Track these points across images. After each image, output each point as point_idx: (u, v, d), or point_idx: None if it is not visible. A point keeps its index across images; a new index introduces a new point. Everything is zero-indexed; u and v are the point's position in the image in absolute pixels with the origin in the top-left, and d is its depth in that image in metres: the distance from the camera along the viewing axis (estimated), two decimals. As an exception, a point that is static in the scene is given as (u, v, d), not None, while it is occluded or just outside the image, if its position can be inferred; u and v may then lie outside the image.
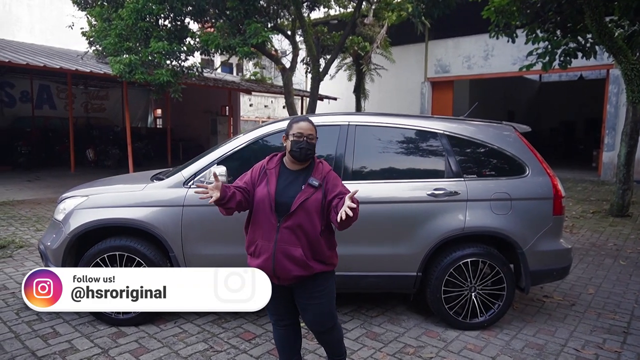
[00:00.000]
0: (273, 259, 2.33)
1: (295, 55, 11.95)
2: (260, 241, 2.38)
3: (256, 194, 2.41)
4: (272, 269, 2.35)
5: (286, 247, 2.33)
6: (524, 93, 22.88)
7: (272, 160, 2.51)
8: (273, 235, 2.34)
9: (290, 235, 2.33)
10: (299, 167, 2.44)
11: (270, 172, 2.43)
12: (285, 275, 2.36)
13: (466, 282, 3.49)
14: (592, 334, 3.50)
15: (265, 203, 2.35)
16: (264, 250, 2.36)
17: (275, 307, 2.51)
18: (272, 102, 30.30)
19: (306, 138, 2.37)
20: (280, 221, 2.33)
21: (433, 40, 16.29)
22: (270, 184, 2.39)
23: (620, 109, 12.71)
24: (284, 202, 2.34)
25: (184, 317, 3.63)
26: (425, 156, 3.62)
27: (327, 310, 2.47)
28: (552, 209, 3.53)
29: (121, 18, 9.01)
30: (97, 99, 18.30)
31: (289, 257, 2.33)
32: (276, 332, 2.62)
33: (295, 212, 2.32)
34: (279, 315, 2.55)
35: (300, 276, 2.37)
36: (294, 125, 2.43)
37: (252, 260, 2.45)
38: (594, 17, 6.90)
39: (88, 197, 3.51)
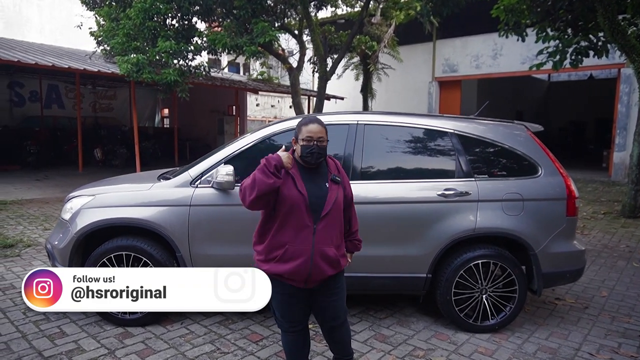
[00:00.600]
0: (311, 262, 2.26)
1: (302, 55, 11.91)
2: (292, 245, 2.26)
3: (284, 197, 2.27)
4: (308, 273, 2.27)
5: (323, 248, 2.29)
6: (532, 93, 22.67)
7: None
8: (309, 238, 2.26)
9: (325, 235, 2.30)
10: (313, 165, 2.40)
11: (293, 172, 2.31)
12: (318, 277, 2.31)
13: (477, 284, 3.42)
14: (606, 338, 3.42)
15: (300, 205, 2.26)
16: (297, 254, 2.26)
17: (292, 313, 2.41)
18: (279, 102, 30.30)
19: (316, 142, 2.29)
20: (316, 223, 2.27)
21: (441, 39, 16.18)
22: (300, 185, 2.29)
23: (631, 108, 12.54)
24: (315, 202, 2.29)
25: (190, 318, 3.60)
26: (435, 156, 3.55)
27: (343, 303, 2.47)
28: (566, 210, 3.45)
29: (129, 17, 9.03)
30: (105, 99, 18.40)
31: (325, 257, 2.30)
32: (287, 338, 2.52)
33: (329, 212, 2.29)
34: (293, 322, 2.44)
35: (330, 276, 2.35)
36: (303, 128, 2.34)
37: (275, 265, 2.30)
38: (606, 15, 6.80)
39: (95, 196, 3.49)
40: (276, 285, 2.36)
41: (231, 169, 3.19)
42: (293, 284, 2.32)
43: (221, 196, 3.32)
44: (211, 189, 3.34)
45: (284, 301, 2.39)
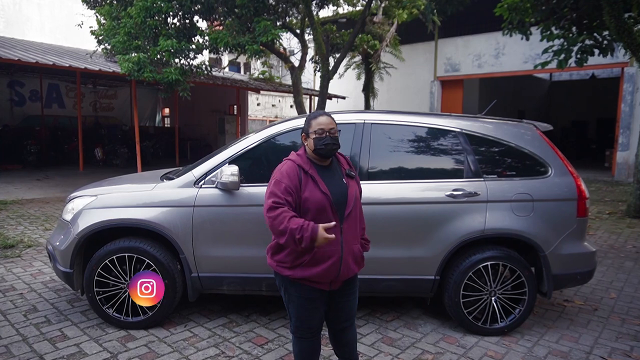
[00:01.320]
0: (341, 262, 2.23)
1: (304, 54, 11.84)
2: (321, 247, 2.17)
3: (307, 200, 2.19)
4: (337, 273, 2.24)
5: (351, 246, 2.29)
6: (534, 92, 22.58)
7: (303, 161, 2.29)
8: (337, 238, 2.21)
9: (351, 233, 2.30)
10: (326, 162, 2.37)
11: (312, 172, 2.25)
12: (345, 277, 2.30)
13: (486, 286, 3.36)
14: (617, 341, 3.36)
15: (326, 206, 2.20)
16: (327, 255, 2.20)
17: (311, 319, 2.34)
18: (280, 102, 30.26)
19: (328, 133, 2.26)
20: (342, 222, 2.26)
21: (442, 38, 16.10)
22: (321, 185, 2.22)
23: (635, 107, 12.47)
24: (337, 200, 2.25)
25: (194, 321, 3.54)
26: (443, 155, 3.49)
27: (356, 303, 2.49)
28: (576, 210, 3.39)
29: (130, 16, 8.96)
30: (106, 98, 18.33)
31: (353, 255, 2.30)
32: (301, 345, 2.41)
33: (353, 209, 2.28)
34: (311, 329, 2.37)
35: (356, 274, 2.37)
36: (312, 122, 2.31)
37: (301, 270, 2.22)
38: (612, 13, 6.72)
39: (97, 197, 3.43)
40: (298, 289, 2.29)
41: (236, 169, 3.13)
42: (318, 286, 2.27)
43: (226, 197, 3.26)
44: (215, 190, 3.28)
45: (305, 306, 2.31)
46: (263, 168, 3.43)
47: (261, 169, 3.43)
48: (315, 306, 2.32)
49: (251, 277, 3.33)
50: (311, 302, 2.31)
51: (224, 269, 3.33)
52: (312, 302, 2.31)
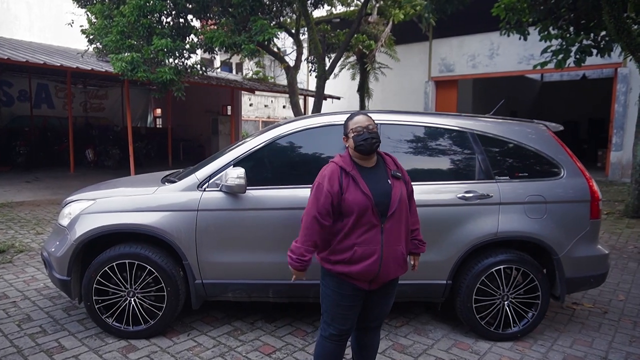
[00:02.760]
0: (380, 262, 2.23)
1: (299, 54, 11.72)
2: (361, 247, 2.22)
3: (347, 202, 2.21)
4: (377, 272, 2.24)
5: (392, 248, 2.26)
6: (526, 93, 22.71)
7: (346, 162, 2.31)
8: (378, 238, 2.23)
9: (393, 234, 2.27)
10: (372, 163, 2.35)
11: (354, 173, 2.27)
12: (386, 277, 2.29)
13: (498, 291, 3.28)
14: (632, 345, 3.30)
15: (367, 206, 2.21)
16: (367, 255, 2.22)
17: (346, 318, 2.31)
18: (272, 102, 30.11)
19: (366, 129, 2.28)
20: (383, 222, 2.23)
21: (437, 38, 16.07)
22: (363, 186, 2.23)
23: (628, 108, 12.54)
24: (381, 201, 2.24)
25: (197, 329, 3.41)
26: (455, 157, 3.40)
27: (391, 303, 2.49)
28: (590, 212, 3.32)
29: (123, 15, 8.78)
30: (96, 98, 18.03)
31: (395, 257, 2.28)
32: (325, 346, 2.36)
33: (396, 210, 2.26)
34: (343, 329, 2.32)
35: (397, 276, 2.34)
36: (349, 122, 2.36)
37: (346, 266, 2.24)
38: (612, 13, 6.69)
39: (95, 201, 3.28)
40: (337, 283, 2.29)
41: (242, 172, 3.01)
42: (357, 284, 2.27)
43: (231, 200, 3.13)
44: (220, 193, 3.15)
45: (339, 302, 2.29)
46: (269, 170, 3.32)
47: (267, 172, 3.31)
48: (350, 304, 2.30)
49: (258, 283, 3.21)
50: (346, 299, 2.29)
51: (229, 275, 3.20)
52: (348, 299, 2.29)
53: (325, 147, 3.28)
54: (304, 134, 3.29)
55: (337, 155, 2.38)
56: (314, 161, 3.27)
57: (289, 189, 3.17)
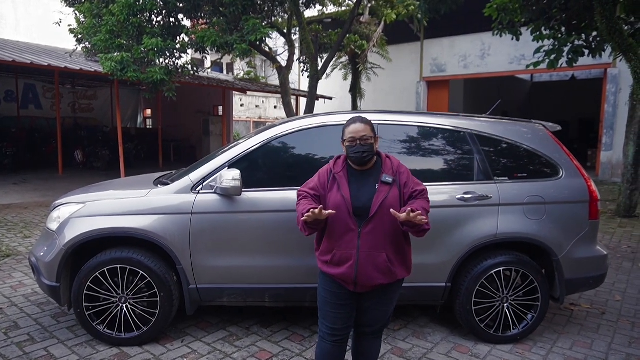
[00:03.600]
0: (356, 267, 2.20)
1: (291, 54, 11.64)
2: (339, 250, 2.23)
3: (329, 202, 2.27)
4: (355, 277, 2.22)
5: (370, 254, 2.20)
6: (516, 93, 22.86)
7: (338, 164, 2.36)
8: (354, 242, 2.21)
9: (374, 240, 2.20)
10: (366, 166, 2.34)
11: (339, 176, 2.29)
12: (367, 283, 2.23)
13: (498, 293, 3.24)
14: (631, 347, 3.28)
15: (342, 209, 2.21)
16: (344, 258, 2.22)
17: (336, 316, 2.30)
18: (264, 102, 29.97)
19: (359, 141, 2.26)
20: (361, 226, 2.20)
21: (428, 39, 16.10)
22: (343, 189, 2.25)
23: (618, 108, 12.66)
24: (361, 205, 2.22)
25: (191, 335, 3.33)
26: (453, 157, 3.35)
27: (385, 315, 2.40)
28: (589, 213, 3.30)
29: (112, 14, 8.65)
30: (85, 99, 17.77)
31: (374, 264, 2.21)
32: (322, 347, 2.36)
33: (376, 215, 2.19)
34: (335, 328, 2.31)
35: (382, 284, 2.26)
36: (345, 130, 2.34)
37: (329, 268, 2.28)
38: (604, 14, 6.72)
39: (85, 204, 3.18)
40: (325, 281, 2.33)
41: (238, 174, 2.93)
42: (344, 284, 2.28)
43: (226, 203, 3.05)
44: (215, 195, 3.07)
45: (328, 300, 2.31)
46: (265, 172, 3.24)
47: (263, 173, 3.24)
48: (339, 303, 2.29)
49: (254, 287, 3.14)
50: (335, 297, 2.29)
51: (225, 279, 3.12)
52: (337, 297, 2.29)
53: (322, 147, 3.22)
54: (300, 134, 3.22)
55: (335, 156, 2.43)
56: (311, 162, 3.21)
57: (285, 190, 3.09)
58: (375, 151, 2.35)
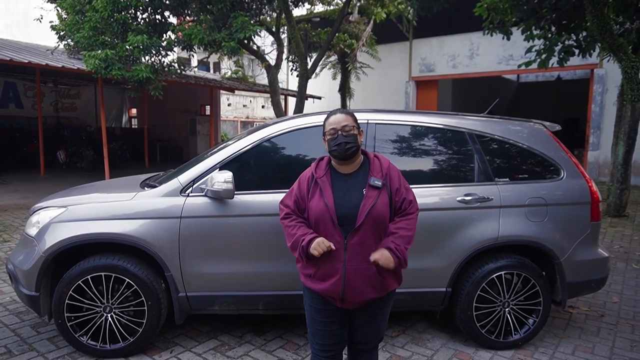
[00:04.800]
0: (343, 283, 1.99)
1: (280, 52, 11.49)
2: (323, 265, 2.01)
3: (310, 210, 2.06)
4: (341, 293, 2.01)
5: (358, 267, 1.98)
6: (503, 93, 23.00)
7: (320, 167, 2.13)
8: (340, 255, 1.99)
9: (362, 252, 1.98)
10: (351, 168, 2.10)
11: (321, 180, 2.05)
12: (356, 299, 2.03)
13: (499, 297, 3.15)
14: (633, 351, 3.22)
15: (326, 218, 1.99)
16: (329, 273, 2.01)
17: (325, 333, 2.12)
18: (251, 102, 29.71)
19: (340, 131, 2.05)
20: (347, 237, 1.98)
21: (417, 39, 16.08)
22: (326, 195, 2.01)
23: (605, 108, 12.77)
24: (346, 213, 1.99)
25: (181, 345, 3.17)
26: (453, 158, 3.25)
27: (379, 330, 2.23)
28: (590, 214, 3.23)
29: (96, 10, 8.38)
30: (68, 98, 17.31)
31: (363, 277, 1.99)
32: None
33: (363, 224, 1.96)
34: (326, 344, 2.14)
35: (373, 299, 2.05)
36: (325, 123, 2.15)
37: (313, 283, 2.08)
38: (595, 14, 6.73)
39: (67, 208, 2.99)
40: (311, 297, 2.14)
41: (230, 176, 2.78)
42: (330, 300, 2.08)
43: (217, 206, 2.90)
44: (205, 198, 2.92)
45: (315, 317, 2.13)
46: (258, 173, 3.10)
47: (256, 175, 3.10)
48: (326, 320, 2.10)
49: (247, 295, 2.99)
50: (322, 314, 2.12)
51: (216, 287, 2.97)
52: (323, 314, 2.12)
53: (318, 148, 3.06)
54: (295, 134, 3.09)
55: (318, 158, 2.22)
56: (307, 163, 3.05)
57: (279, 193, 2.94)
58: (360, 144, 2.10)
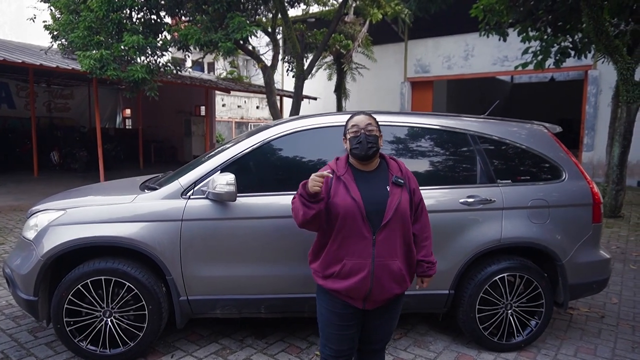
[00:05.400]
0: (372, 278, 2.01)
1: (276, 53, 11.46)
2: (350, 259, 2.03)
3: (336, 207, 2.04)
4: (369, 290, 2.03)
5: (385, 262, 2.02)
6: (497, 94, 23.09)
7: (339, 165, 2.15)
8: (369, 250, 2.01)
9: (388, 247, 2.02)
10: (370, 167, 2.14)
11: (344, 177, 2.07)
12: (380, 297, 2.05)
13: (502, 299, 3.14)
14: (635, 352, 3.23)
15: (355, 214, 2.01)
16: (356, 269, 2.02)
17: (341, 338, 2.12)
18: (246, 102, 29.65)
19: (363, 130, 2.09)
20: (376, 233, 2.01)
21: (412, 39, 16.11)
22: (353, 191, 2.03)
23: (599, 109, 12.86)
24: (374, 209, 2.03)
25: (181, 349, 3.13)
26: (455, 159, 3.24)
27: (395, 325, 2.29)
28: (592, 216, 3.23)
29: (90, 10, 8.31)
30: (61, 98, 17.17)
31: (389, 272, 2.03)
32: None
33: (391, 220, 2.01)
34: (340, 350, 2.13)
35: (396, 295, 2.10)
36: (348, 122, 2.20)
37: (335, 282, 2.06)
38: (591, 15, 6.77)
39: (66, 211, 2.94)
40: (329, 300, 2.12)
41: (232, 178, 2.75)
42: (350, 302, 2.08)
43: (219, 209, 2.87)
44: (207, 201, 2.88)
45: (333, 322, 2.12)
46: (261, 176, 3.07)
47: (259, 177, 3.07)
48: (345, 324, 2.10)
49: (249, 298, 2.96)
50: (341, 318, 2.11)
51: (218, 290, 2.94)
52: (342, 318, 2.11)
53: (322, 149, 3.07)
54: (297, 136, 3.06)
55: (334, 158, 2.24)
56: (311, 165, 3.04)
57: (282, 195, 2.92)
58: (380, 147, 2.17)
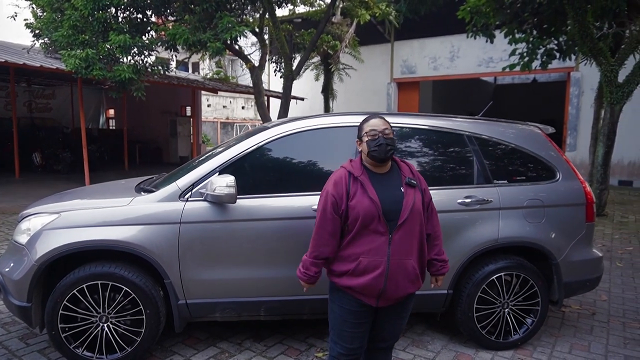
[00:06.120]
0: (386, 276, 2.07)
1: (264, 53, 11.41)
2: (366, 257, 2.08)
3: (355, 207, 2.08)
4: (382, 287, 2.08)
5: (400, 260, 2.09)
6: (481, 95, 23.42)
7: (355, 166, 2.19)
8: (384, 249, 2.07)
9: (403, 246, 2.08)
10: (384, 169, 2.20)
11: (361, 178, 2.12)
12: (394, 295, 2.10)
13: (499, 298, 3.18)
14: (627, 348, 3.30)
15: (373, 214, 2.06)
16: (371, 266, 2.07)
17: (354, 336, 2.16)
18: (231, 103, 29.47)
19: (381, 133, 2.15)
20: (392, 232, 2.07)
21: (398, 40, 16.22)
22: (370, 192, 2.10)
23: (581, 110, 13.13)
24: (390, 209, 2.09)
25: (179, 354, 3.08)
26: (452, 160, 3.27)
27: (404, 325, 2.35)
28: (585, 215, 3.29)
29: (75, 8, 8.14)
30: (43, 98, 16.81)
31: (404, 271, 2.09)
32: None
33: (407, 219, 2.09)
34: (352, 348, 2.17)
35: (409, 294, 2.18)
36: (364, 125, 2.24)
37: (349, 279, 2.11)
38: (576, 18, 6.91)
39: (60, 214, 2.87)
40: (343, 298, 2.17)
41: (232, 180, 2.72)
42: (363, 299, 2.12)
43: (218, 211, 2.84)
44: (205, 203, 2.85)
45: (346, 319, 2.17)
46: (261, 177, 3.05)
47: (258, 179, 3.04)
48: (358, 322, 2.15)
49: (249, 301, 2.93)
50: (355, 316, 2.16)
51: (217, 293, 2.90)
52: (356, 315, 2.16)
53: (322, 150, 3.06)
54: (297, 137, 3.05)
55: (348, 160, 2.29)
56: (311, 166, 3.04)
57: (282, 197, 2.91)
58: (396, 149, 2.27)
